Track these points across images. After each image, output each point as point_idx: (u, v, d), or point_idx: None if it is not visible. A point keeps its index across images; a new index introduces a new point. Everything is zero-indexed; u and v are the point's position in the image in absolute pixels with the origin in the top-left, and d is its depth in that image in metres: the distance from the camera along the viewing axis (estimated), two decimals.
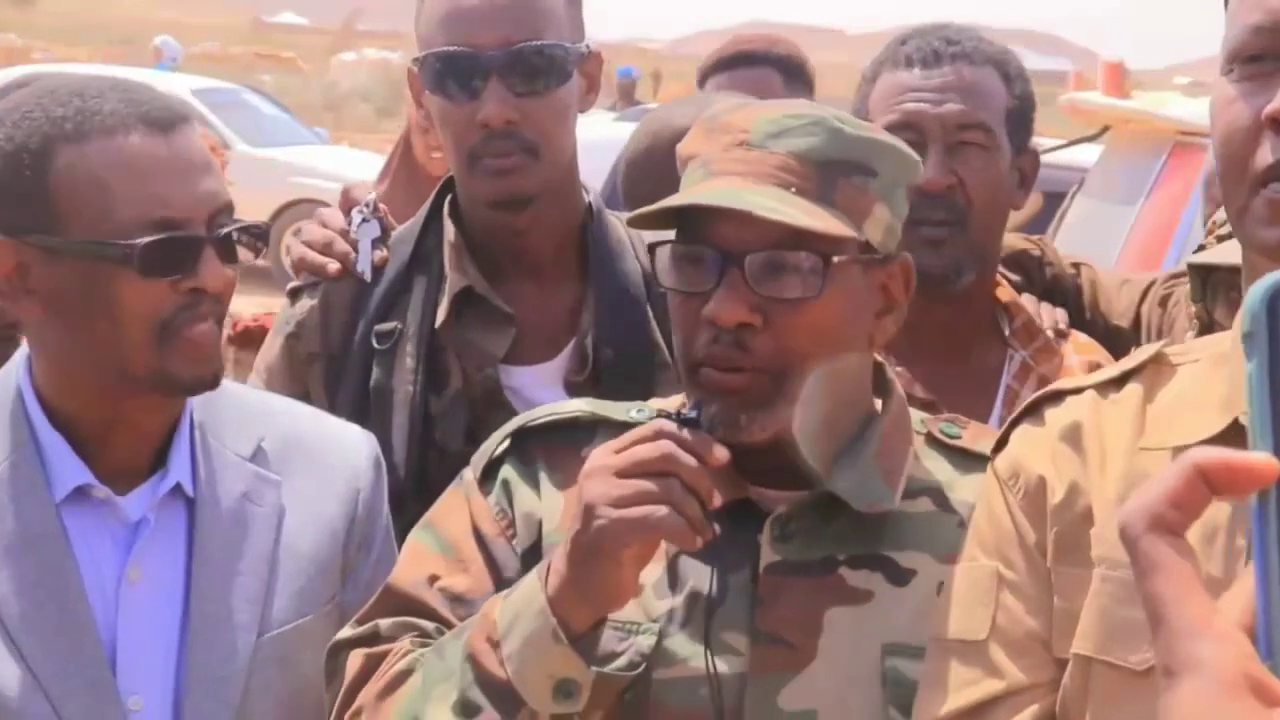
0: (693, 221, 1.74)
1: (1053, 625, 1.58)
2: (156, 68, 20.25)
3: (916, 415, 1.90)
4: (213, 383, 1.91)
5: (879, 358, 1.91)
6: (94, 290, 1.84)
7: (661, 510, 1.60)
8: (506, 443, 1.89)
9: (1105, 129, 5.85)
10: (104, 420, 1.91)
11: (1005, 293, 2.63)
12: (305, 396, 2.39)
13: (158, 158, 1.84)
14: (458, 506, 1.88)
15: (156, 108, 1.88)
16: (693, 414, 1.66)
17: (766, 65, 3.81)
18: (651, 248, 1.78)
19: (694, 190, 1.75)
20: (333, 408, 2.36)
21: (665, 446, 1.62)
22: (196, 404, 1.98)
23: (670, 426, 1.64)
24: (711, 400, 1.71)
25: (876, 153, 1.76)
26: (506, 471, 1.87)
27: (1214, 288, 2.26)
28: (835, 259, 1.71)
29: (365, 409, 2.35)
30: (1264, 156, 1.43)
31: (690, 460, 1.61)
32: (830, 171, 1.72)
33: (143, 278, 1.82)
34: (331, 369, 2.40)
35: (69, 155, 1.82)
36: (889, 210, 1.77)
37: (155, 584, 1.91)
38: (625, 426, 1.83)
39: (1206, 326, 2.31)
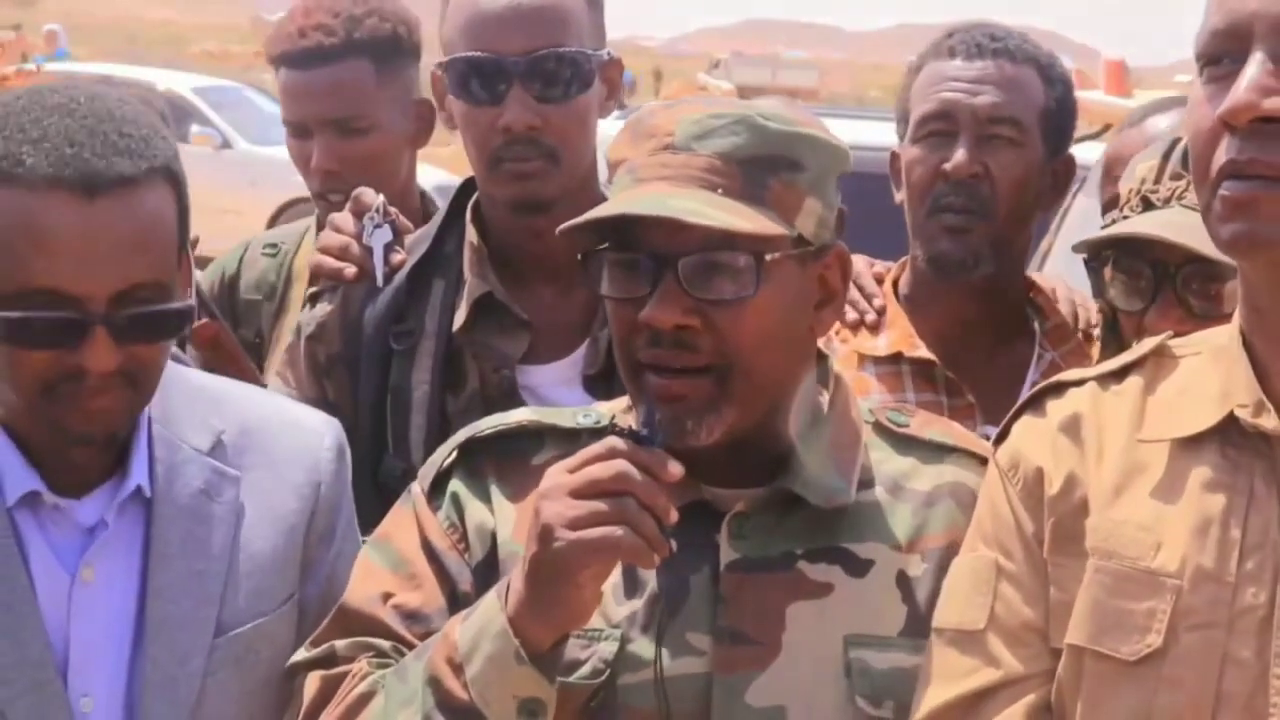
0: (624, 228, 1.72)
1: (1049, 615, 1.60)
2: (54, 55, 20.14)
3: (864, 404, 1.91)
4: (104, 441, 1.83)
5: (823, 348, 1.91)
6: None
7: (618, 531, 1.59)
8: (454, 455, 1.87)
9: (1107, 127, 5.87)
10: (45, 435, 1.84)
11: (1038, 293, 2.65)
12: (324, 398, 2.40)
13: (65, 227, 1.72)
14: (406, 521, 1.86)
15: (94, 167, 1.73)
16: (644, 430, 1.65)
17: (352, 57, 2.97)
18: (584, 256, 1.77)
19: (621, 198, 1.74)
20: (353, 408, 2.37)
21: (619, 465, 1.61)
22: (154, 396, 1.90)
23: (624, 444, 1.63)
24: (657, 407, 1.70)
25: (802, 146, 1.75)
26: (455, 485, 1.85)
27: (1106, 277, 2.27)
28: (769, 257, 1.70)
29: (383, 409, 2.37)
30: (1219, 157, 1.47)
31: (644, 478, 1.61)
32: (757, 169, 1.72)
33: (12, 347, 1.75)
34: (352, 370, 2.41)
35: None
36: (820, 202, 1.76)
37: (109, 584, 1.86)
38: (573, 433, 1.84)
39: (1110, 318, 2.32)
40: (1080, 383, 1.68)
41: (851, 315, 2.60)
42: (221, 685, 1.89)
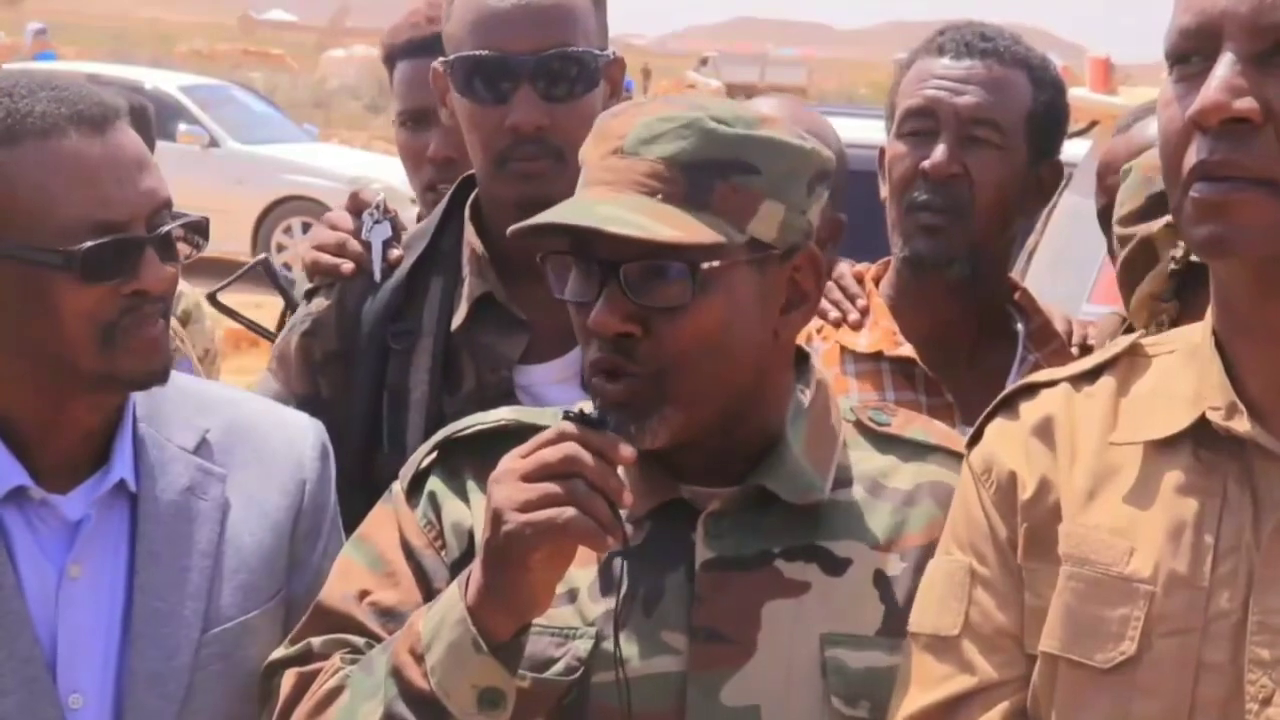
0: (580, 232, 1.71)
1: (1024, 621, 1.59)
2: (40, 56, 20.05)
3: (845, 403, 1.91)
4: (162, 377, 1.87)
5: (804, 346, 1.90)
6: (34, 295, 1.79)
7: (568, 512, 1.58)
8: (433, 454, 1.88)
9: (1094, 124, 5.86)
10: (44, 420, 1.87)
11: (1021, 294, 2.65)
12: (317, 395, 2.39)
13: (93, 158, 1.80)
14: (387, 521, 1.87)
15: (89, 106, 1.83)
16: (594, 413, 1.65)
17: None
18: (542, 259, 1.78)
19: (559, 205, 1.74)
20: (348, 406, 2.37)
21: (569, 448, 1.61)
22: (139, 396, 1.93)
23: (573, 427, 1.63)
24: (606, 411, 1.70)
25: (756, 150, 1.72)
26: (433, 483, 1.85)
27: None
28: (706, 265, 1.68)
29: (379, 407, 2.38)
30: (1190, 158, 1.45)
31: (594, 459, 1.61)
32: (703, 174, 1.69)
33: (84, 283, 1.79)
34: (348, 367, 2.40)
35: (1, 159, 1.78)
36: (781, 204, 1.72)
37: (97, 580, 1.88)
38: None
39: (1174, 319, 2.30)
40: (1052, 384, 1.66)
41: (834, 314, 2.60)
42: (210, 680, 1.90)
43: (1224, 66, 1.42)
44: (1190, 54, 1.46)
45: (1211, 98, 1.42)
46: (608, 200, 1.70)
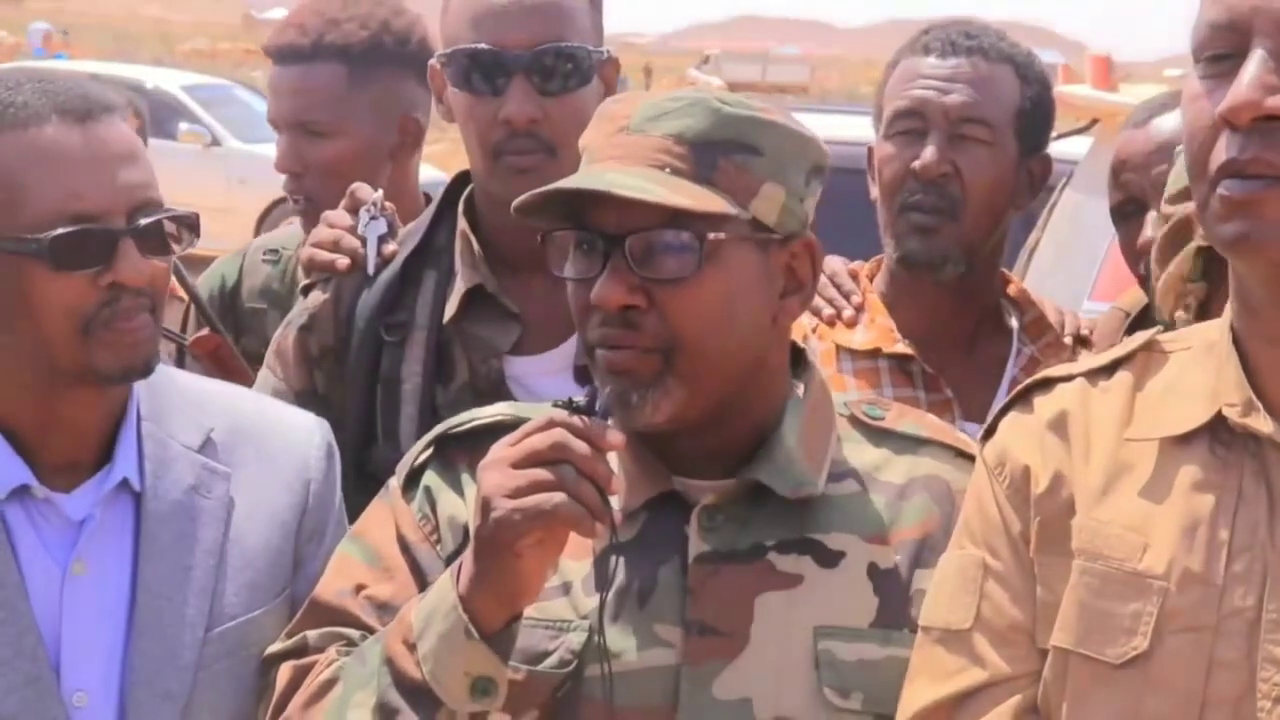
0: (582, 211, 1.74)
1: (1036, 616, 1.58)
2: (57, 56, 20.05)
3: (839, 397, 1.91)
4: (144, 372, 1.86)
5: (799, 342, 1.91)
6: (13, 286, 1.80)
7: (557, 497, 1.59)
8: (429, 450, 1.89)
9: (1094, 122, 5.85)
10: (40, 418, 1.87)
11: (1014, 288, 2.65)
12: (313, 389, 2.42)
13: (72, 149, 1.80)
14: (383, 516, 1.88)
15: (74, 98, 1.83)
16: (583, 401, 1.66)
17: (321, 60, 2.98)
18: (543, 237, 1.80)
19: (573, 176, 1.76)
20: (342, 399, 2.39)
21: (557, 435, 1.62)
22: (143, 394, 1.94)
23: (562, 415, 1.64)
24: (607, 382, 1.72)
25: (760, 131, 1.75)
26: (429, 478, 1.86)
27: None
28: (712, 236, 1.71)
29: (373, 400, 2.39)
30: (1218, 154, 1.44)
31: (583, 446, 1.61)
32: (709, 151, 1.72)
33: (55, 272, 1.78)
34: (343, 361, 2.42)
35: None
36: (782, 189, 1.75)
37: (101, 578, 1.88)
38: None
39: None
40: (1069, 379, 1.66)
41: (828, 312, 2.61)
42: (214, 679, 1.90)
43: (1255, 63, 1.41)
44: (1219, 49, 1.45)
45: (1243, 95, 1.41)
46: (619, 171, 1.72)
